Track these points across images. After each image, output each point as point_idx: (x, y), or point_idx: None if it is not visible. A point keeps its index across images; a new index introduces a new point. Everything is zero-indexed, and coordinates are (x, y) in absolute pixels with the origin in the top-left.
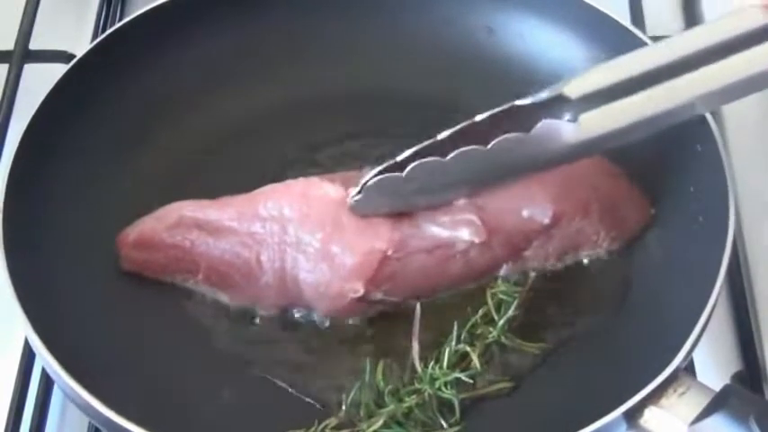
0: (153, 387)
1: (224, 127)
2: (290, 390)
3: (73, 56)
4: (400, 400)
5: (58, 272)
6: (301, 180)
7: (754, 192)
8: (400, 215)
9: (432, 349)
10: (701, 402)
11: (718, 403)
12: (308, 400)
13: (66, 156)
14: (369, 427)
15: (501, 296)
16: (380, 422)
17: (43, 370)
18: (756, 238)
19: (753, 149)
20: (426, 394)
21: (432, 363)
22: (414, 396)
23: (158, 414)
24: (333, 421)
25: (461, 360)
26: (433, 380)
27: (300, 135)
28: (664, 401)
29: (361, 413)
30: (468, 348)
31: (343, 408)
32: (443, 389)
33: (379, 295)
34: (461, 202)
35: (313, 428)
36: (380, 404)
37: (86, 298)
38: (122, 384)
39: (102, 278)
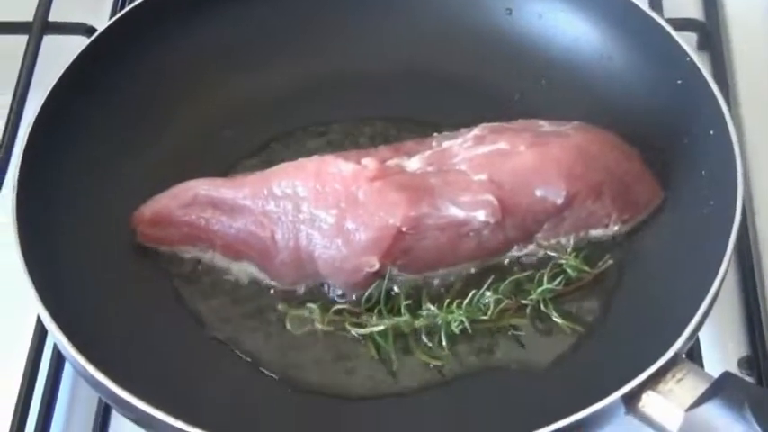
0: (163, 365)
1: (240, 104)
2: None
3: (92, 28)
4: (413, 316)
5: (71, 250)
6: (315, 158)
7: (766, 177)
8: (420, 192)
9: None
10: (699, 388)
11: (714, 390)
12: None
13: (82, 131)
14: (372, 325)
15: (567, 269)
16: (383, 326)
17: (55, 346)
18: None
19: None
20: (439, 320)
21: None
22: (427, 318)
23: (166, 391)
24: (346, 308)
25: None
26: (449, 310)
27: (316, 114)
28: (662, 387)
29: (374, 312)
30: (494, 296)
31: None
32: (454, 320)
33: (394, 270)
34: (482, 177)
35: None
36: (393, 312)
37: (99, 276)
38: (132, 362)
39: (116, 257)
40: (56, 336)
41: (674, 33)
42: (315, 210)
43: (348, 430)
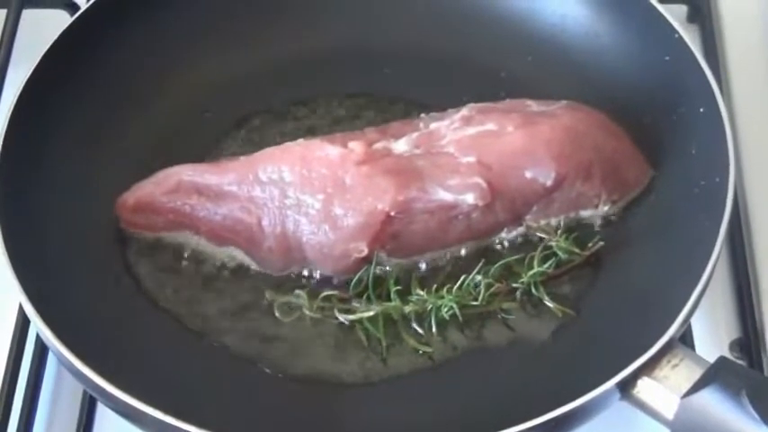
0: (145, 356)
1: (224, 82)
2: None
3: (71, 2)
4: (403, 302)
5: (53, 238)
6: (301, 142)
7: (759, 156)
8: (408, 175)
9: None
10: (695, 374)
11: (710, 376)
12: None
13: (64, 113)
14: (362, 312)
15: (557, 251)
16: (373, 312)
17: (38, 336)
18: (759, 203)
19: (759, 112)
20: (428, 305)
21: (446, 284)
22: (416, 304)
23: (148, 383)
24: (334, 294)
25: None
26: (439, 295)
27: (300, 93)
28: (657, 373)
29: (363, 298)
30: (484, 280)
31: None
32: (444, 306)
33: (382, 254)
34: (470, 159)
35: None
36: (383, 298)
37: (81, 265)
38: (115, 353)
39: (98, 245)
40: (37, 325)
41: (661, 9)
42: (301, 195)
43: (338, 417)
